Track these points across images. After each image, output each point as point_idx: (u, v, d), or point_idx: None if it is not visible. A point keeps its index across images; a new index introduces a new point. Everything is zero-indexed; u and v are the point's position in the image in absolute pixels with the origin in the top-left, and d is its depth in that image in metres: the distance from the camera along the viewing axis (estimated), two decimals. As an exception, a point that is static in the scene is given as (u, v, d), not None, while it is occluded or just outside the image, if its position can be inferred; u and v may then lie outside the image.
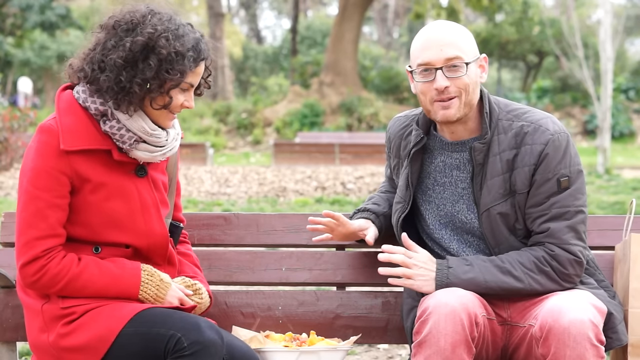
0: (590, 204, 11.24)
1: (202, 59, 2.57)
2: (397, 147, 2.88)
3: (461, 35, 2.68)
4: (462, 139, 2.74)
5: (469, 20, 39.89)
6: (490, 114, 2.70)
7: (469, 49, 2.67)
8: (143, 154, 2.58)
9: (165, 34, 2.50)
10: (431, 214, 2.80)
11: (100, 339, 2.46)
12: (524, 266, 2.62)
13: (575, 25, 21.26)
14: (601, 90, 19.12)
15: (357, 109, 26.20)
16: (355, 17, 27.94)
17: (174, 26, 2.54)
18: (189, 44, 2.53)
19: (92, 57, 2.54)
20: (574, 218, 2.64)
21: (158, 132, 2.58)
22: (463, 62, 2.64)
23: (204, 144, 20.52)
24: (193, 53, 2.54)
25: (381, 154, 17.43)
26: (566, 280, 2.64)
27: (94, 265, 2.54)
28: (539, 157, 2.64)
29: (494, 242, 2.68)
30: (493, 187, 2.66)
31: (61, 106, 2.56)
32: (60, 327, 2.50)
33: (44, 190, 2.50)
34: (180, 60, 2.51)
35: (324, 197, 12.83)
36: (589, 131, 27.27)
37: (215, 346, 2.42)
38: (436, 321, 2.46)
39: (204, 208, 11.60)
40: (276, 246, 3.18)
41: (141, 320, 2.47)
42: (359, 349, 4.90)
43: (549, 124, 2.68)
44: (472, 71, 2.67)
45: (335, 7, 47.63)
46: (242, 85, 42.57)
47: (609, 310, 2.61)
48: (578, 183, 2.66)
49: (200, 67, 2.58)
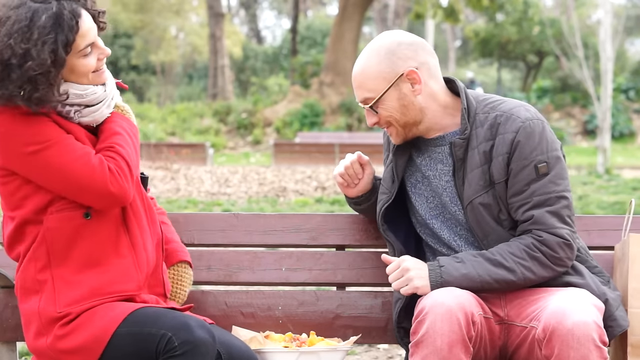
0: (590, 204, 11.24)
1: (75, 22, 2.45)
2: (387, 140, 2.94)
3: (368, 71, 2.71)
4: (442, 132, 2.76)
5: (469, 20, 39.91)
6: (468, 109, 2.72)
7: (375, 83, 2.71)
8: (90, 117, 2.55)
9: (9, 42, 2.40)
10: (422, 206, 2.82)
11: (95, 339, 2.45)
12: (515, 255, 2.63)
13: (575, 25, 21.27)
14: (601, 90, 19.14)
15: (357, 109, 26.21)
16: (355, 17, 27.95)
17: (24, 21, 2.41)
18: (47, 29, 2.42)
19: None
20: (557, 204, 2.65)
21: (91, 88, 2.54)
22: (373, 100, 2.71)
23: (204, 144, 20.54)
24: (62, 29, 2.42)
25: (381, 154, 17.40)
26: (558, 264, 2.64)
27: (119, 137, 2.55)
28: (512, 145, 2.65)
29: (482, 234, 2.70)
30: (473, 179, 2.69)
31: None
32: (57, 329, 2.49)
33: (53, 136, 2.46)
34: (42, 54, 2.41)
35: (324, 197, 12.83)
36: (589, 131, 27.29)
37: (206, 345, 2.40)
38: (433, 321, 2.46)
39: (204, 208, 11.60)
40: (276, 246, 3.18)
41: (134, 320, 2.46)
42: (359, 349, 4.91)
43: (520, 111, 2.69)
44: (391, 100, 2.71)
45: (335, 7, 47.63)
46: (242, 85, 42.57)
47: (605, 297, 2.63)
48: (557, 168, 2.66)
49: (81, 26, 2.47)
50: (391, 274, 2.67)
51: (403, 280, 2.64)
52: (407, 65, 2.69)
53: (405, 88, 2.71)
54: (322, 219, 3.06)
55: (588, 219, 3.01)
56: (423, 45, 2.73)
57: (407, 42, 2.72)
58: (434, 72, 2.74)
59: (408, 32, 2.81)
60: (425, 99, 2.72)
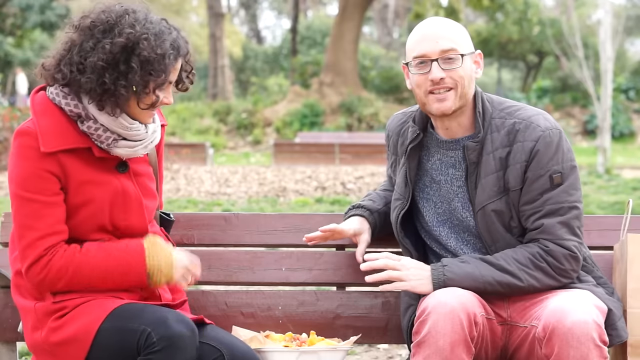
0: (590, 204, 11.24)
1: (180, 55, 2.55)
2: (394, 143, 2.90)
3: (456, 30, 2.72)
4: (456, 136, 2.75)
5: (469, 20, 39.90)
6: (483, 113, 2.71)
7: (464, 42, 2.71)
8: (124, 150, 2.57)
9: (145, 35, 2.47)
10: (429, 211, 2.80)
11: (84, 331, 2.47)
12: (519, 262, 2.62)
13: (575, 25, 21.27)
14: (601, 90, 19.13)
15: (357, 109, 26.21)
16: (355, 17, 27.95)
17: (152, 25, 2.51)
18: (168, 42, 2.51)
19: (69, 59, 2.51)
20: (568, 214, 2.64)
21: (136, 125, 2.57)
22: (458, 54, 2.67)
23: (204, 144, 20.52)
24: (172, 51, 2.52)
25: (381, 154, 17.43)
26: (563, 276, 2.64)
27: (97, 248, 2.53)
28: (530, 153, 2.64)
29: (490, 240, 2.69)
30: (487, 185, 2.67)
31: (37, 108, 2.54)
32: (51, 322, 2.52)
33: (35, 192, 2.49)
34: (162, 60, 2.48)
35: (324, 197, 12.83)
36: (589, 131, 27.27)
37: (184, 339, 2.41)
38: (435, 321, 2.46)
39: (204, 208, 11.60)
40: (276, 246, 3.18)
41: (119, 314, 2.48)
42: (359, 349, 4.90)
43: (540, 120, 2.69)
44: (467, 64, 2.69)
45: (335, 7, 47.61)
46: (242, 85, 42.58)
47: (608, 307, 2.62)
48: (571, 179, 2.66)
49: (178, 63, 2.55)
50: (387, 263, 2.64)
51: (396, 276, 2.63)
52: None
53: (473, 66, 2.73)
54: (322, 219, 3.06)
55: (588, 219, 3.00)
56: None
57: None
58: None
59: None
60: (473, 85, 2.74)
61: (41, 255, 2.49)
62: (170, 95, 2.58)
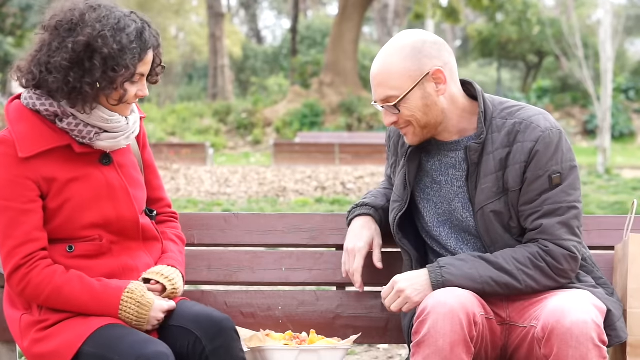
0: (590, 204, 11.24)
1: (148, 48, 2.55)
2: (395, 144, 2.89)
3: (392, 69, 2.65)
4: (456, 138, 2.74)
5: (469, 20, 39.89)
6: (485, 113, 2.70)
7: (400, 81, 2.64)
8: (107, 142, 2.58)
9: (103, 32, 2.47)
10: (429, 212, 2.80)
11: (65, 347, 2.48)
12: (518, 261, 2.62)
13: (575, 25, 21.27)
14: (601, 90, 19.14)
15: (357, 109, 26.21)
16: (355, 17, 27.95)
17: (114, 20, 2.50)
18: (132, 36, 2.50)
19: (38, 59, 2.52)
20: (567, 214, 2.64)
21: (116, 117, 2.58)
22: (397, 99, 2.65)
23: (204, 144, 20.53)
24: (137, 44, 2.51)
25: (381, 154, 17.44)
26: (561, 276, 2.64)
27: (78, 280, 2.53)
28: (530, 154, 2.63)
29: (490, 240, 2.69)
30: (486, 185, 2.67)
31: (11, 116, 2.56)
32: (34, 333, 2.53)
33: (11, 199, 2.50)
34: (124, 55, 2.48)
35: (324, 197, 12.84)
36: (589, 131, 27.28)
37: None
38: (435, 321, 2.46)
39: (204, 208, 11.61)
40: (276, 246, 3.18)
41: (100, 338, 2.47)
42: (359, 348, 4.91)
43: (540, 120, 2.67)
44: (414, 100, 2.65)
45: (335, 7, 47.63)
46: (242, 85, 42.57)
47: (608, 307, 2.62)
48: (571, 179, 2.65)
49: (148, 55, 2.55)
50: (387, 298, 2.66)
51: (401, 301, 2.63)
52: (432, 64, 2.64)
53: (430, 87, 2.66)
54: (322, 219, 3.06)
55: (588, 219, 3.00)
56: (445, 45, 2.70)
57: (432, 41, 2.68)
58: (454, 74, 2.70)
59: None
60: (447, 99, 2.68)
61: (19, 265, 2.51)
62: (145, 88, 2.59)
